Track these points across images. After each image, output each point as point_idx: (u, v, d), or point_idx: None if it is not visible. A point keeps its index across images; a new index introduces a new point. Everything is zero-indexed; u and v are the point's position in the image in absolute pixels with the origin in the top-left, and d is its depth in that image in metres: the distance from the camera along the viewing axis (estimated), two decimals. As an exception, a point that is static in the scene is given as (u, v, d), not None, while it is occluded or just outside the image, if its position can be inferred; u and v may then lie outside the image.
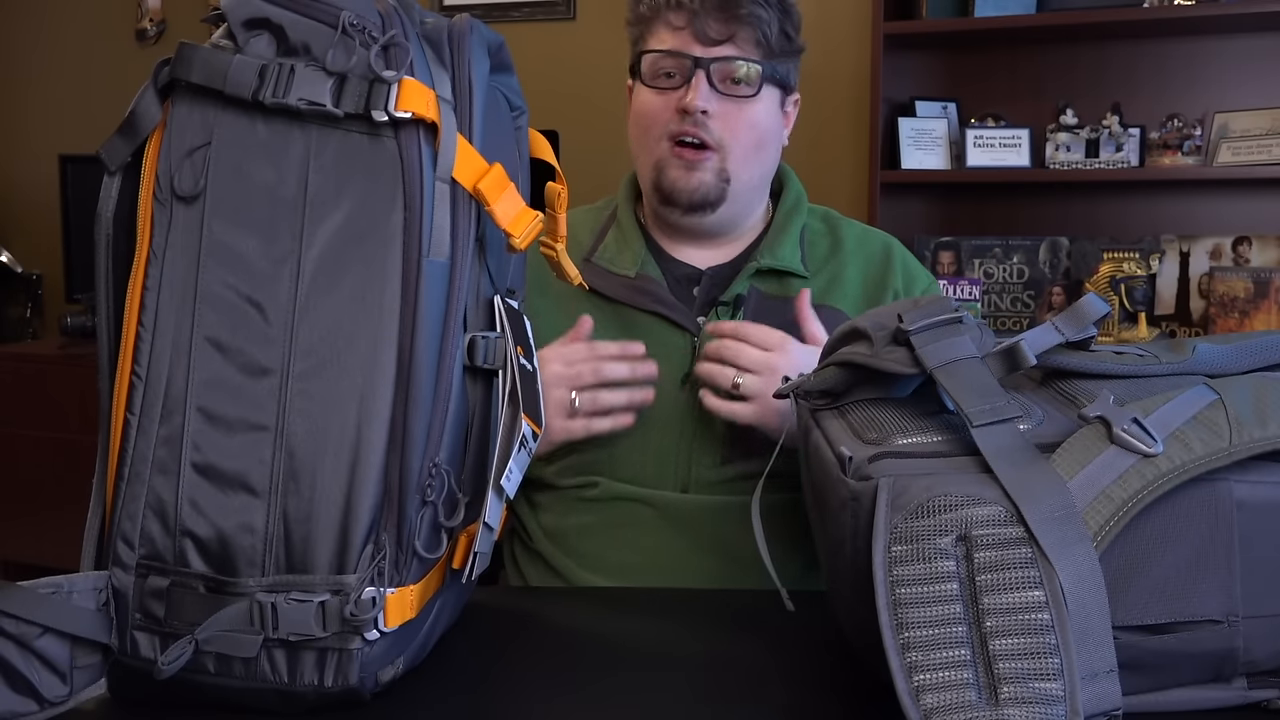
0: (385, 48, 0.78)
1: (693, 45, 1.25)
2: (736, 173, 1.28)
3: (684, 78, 1.26)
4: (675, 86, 1.26)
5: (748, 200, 1.32)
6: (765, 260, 1.30)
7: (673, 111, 1.26)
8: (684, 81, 1.25)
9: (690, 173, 1.26)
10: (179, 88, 0.80)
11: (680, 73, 1.26)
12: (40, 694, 0.77)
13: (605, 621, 1.04)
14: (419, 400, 0.77)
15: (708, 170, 1.27)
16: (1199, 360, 0.80)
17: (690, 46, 1.25)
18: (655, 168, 1.28)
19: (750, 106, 1.26)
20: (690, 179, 1.27)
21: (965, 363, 0.77)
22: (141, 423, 0.77)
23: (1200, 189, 2.83)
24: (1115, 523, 0.70)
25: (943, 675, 0.66)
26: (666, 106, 1.26)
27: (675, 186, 1.27)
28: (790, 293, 1.29)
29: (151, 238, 0.79)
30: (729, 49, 1.25)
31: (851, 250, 1.35)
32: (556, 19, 3.35)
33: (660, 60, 1.27)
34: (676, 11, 1.25)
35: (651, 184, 1.30)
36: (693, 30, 1.24)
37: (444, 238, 0.79)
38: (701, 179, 1.27)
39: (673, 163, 1.27)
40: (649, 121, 1.28)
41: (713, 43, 1.24)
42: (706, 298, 1.30)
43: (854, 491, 0.74)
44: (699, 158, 1.26)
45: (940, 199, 3.03)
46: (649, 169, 1.29)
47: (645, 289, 1.29)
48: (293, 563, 0.76)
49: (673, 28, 1.26)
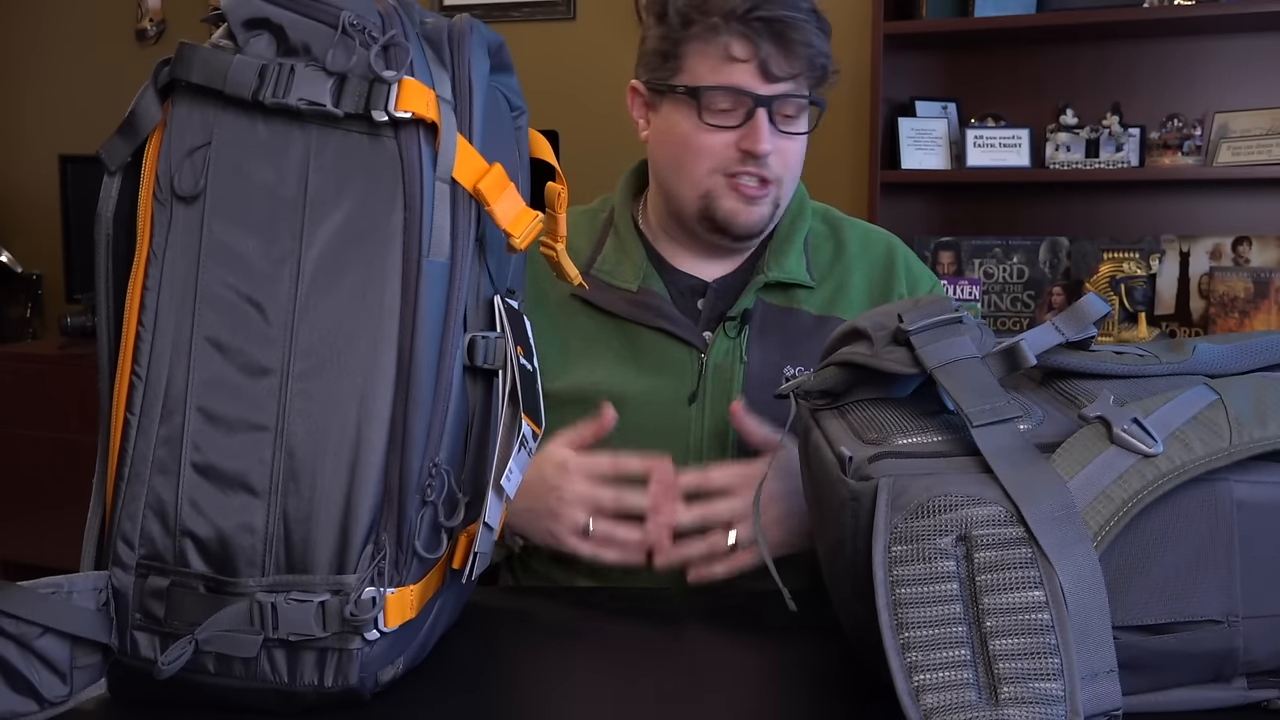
0: (385, 48, 0.78)
1: (754, 82, 1.18)
2: (784, 199, 1.26)
3: (742, 114, 1.19)
4: (733, 125, 1.20)
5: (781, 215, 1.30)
6: (773, 274, 1.26)
7: (730, 149, 1.20)
8: (743, 119, 1.19)
9: (750, 207, 1.23)
10: (179, 88, 0.80)
11: (739, 106, 1.19)
12: (40, 694, 0.77)
13: (606, 621, 1.04)
14: (419, 400, 0.77)
15: (766, 204, 1.23)
16: (1199, 360, 0.80)
17: (752, 83, 1.18)
18: (704, 198, 1.23)
19: (801, 138, 1.24)
20: (751, 213, 1.23)
21: (965, 363, 0.77)
22: (141, 423, 0.77)
23: (1200, 189, 2.83)
24: (1115, 523, 0.70)
25: (943, 675, 0.66)
26: (723, 144, 1.20)
27: (734, 220, 1.23)
28: (795, 303, 1.26)
29: (151, 238, 0.79)
30: (790, 86, 1.19)
31: (855, 255, 1.32)
32: (556, 19, 3.35)
33: (718, 96, 1.19)
34: (739, 41, 1.17)
35: (698, 212, 1.24)
36: (757, 65, 1.18)
37: (444, 238, 0.79)
38: (761, 213, 1.24)
39: (730, 195, 1.22)
40: (697, 155, 1.22)
41: (776, 80, 1.19)
42: (712, 312, 1.27)
43: (854, 491, 0.74)
44: (762, 193, 1.22)
45: (940, 199, 3.03)
46: (694, 198, 1.24)
47: (648, 304, 1.25)
48: (293, 563, 0.76)
49: (732, 59, 1.18)
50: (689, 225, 1.27)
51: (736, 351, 1.23)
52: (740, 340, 1.24)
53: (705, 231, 1.26)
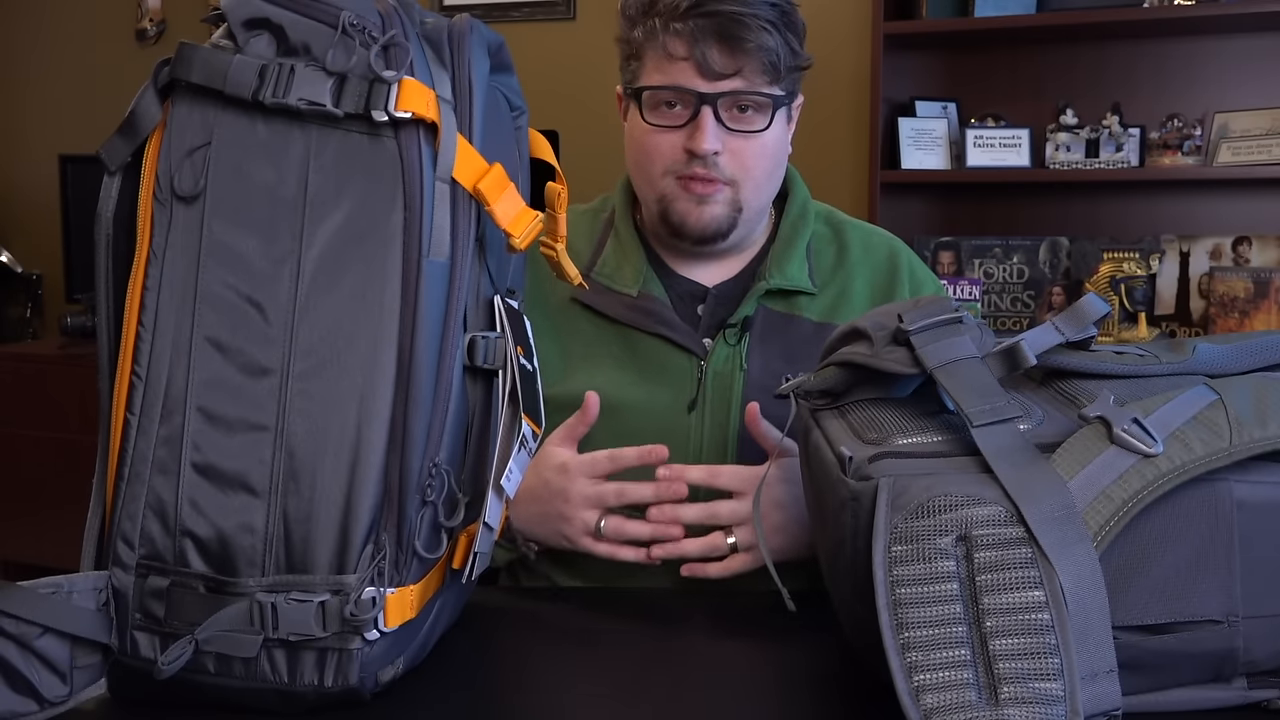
0: (385, 48, 0.78)
1: (695, 79, 1.16)
2: (749, 201, 1.22)
3: (688, 113, 1.17)
4: (679, 124, 1.18)
5: (758, 219, 1.27)
6: (775, 280, 1.24)
7: (678, 150, 1.18)
8: (689, 117, 1.17)
9: (701, 207, 1.20)
10: (179, 88, 0.80)
11: (684, 105, 1.17)
12: (40, 694, 0.77)
13: (606, 621, 1.04)
14: (419, 400, 0.77)
15: (719, 203, 1.20)
16: (1199, 360, 0.80)
17: (693, 81, 1.16)
18: (660, 201, 1.22)
19: (761, 138, 1.19)
20: (702, 214, 1.20)
21: (965, 363, 0.77)
22: (141, 423, 0.77)
23: (1200, 189, 2.83)
24: (1115, 523, 0.70)
25: (943, 675, 0.66)
26: (671, 145, 1.19)
27: (685, 221, 1.21)
28: (796, 310, 1.25)
29: (151, 238, 0.79)
30: (736, 82, 1.16)
31: (857, 260, 1.30)
32: (556, 19, 3.35)
33: (660, 95, 1.18)
34: (675, 39, 1.16)
35: (657, 215, 1.23)
36: (694, 62, 1.15)
37: (444, 238, 0.79)
38: (713, 213, 1.20)
39: (681, 196, 1.20)
40: (650, 158, 1.21)
41: (718, 76, 1.16)
42: (713, 318, 1.26)
43: (854, 491, 0.74)
44: (709, 191, 1.19)
45: (940, 199, 3.03)
46: (653, 201, 1.23)
47: (648, 309, 1.24)
48: (293, 563, 0.76)
49: (671, 57, 1.16)
50: (658, 231, 1.27)
51: (736, 359, 1.22)
52: (740, 348, 1.22)
53: (667, 235, 1.25)
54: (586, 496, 1.10)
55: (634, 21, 1.20)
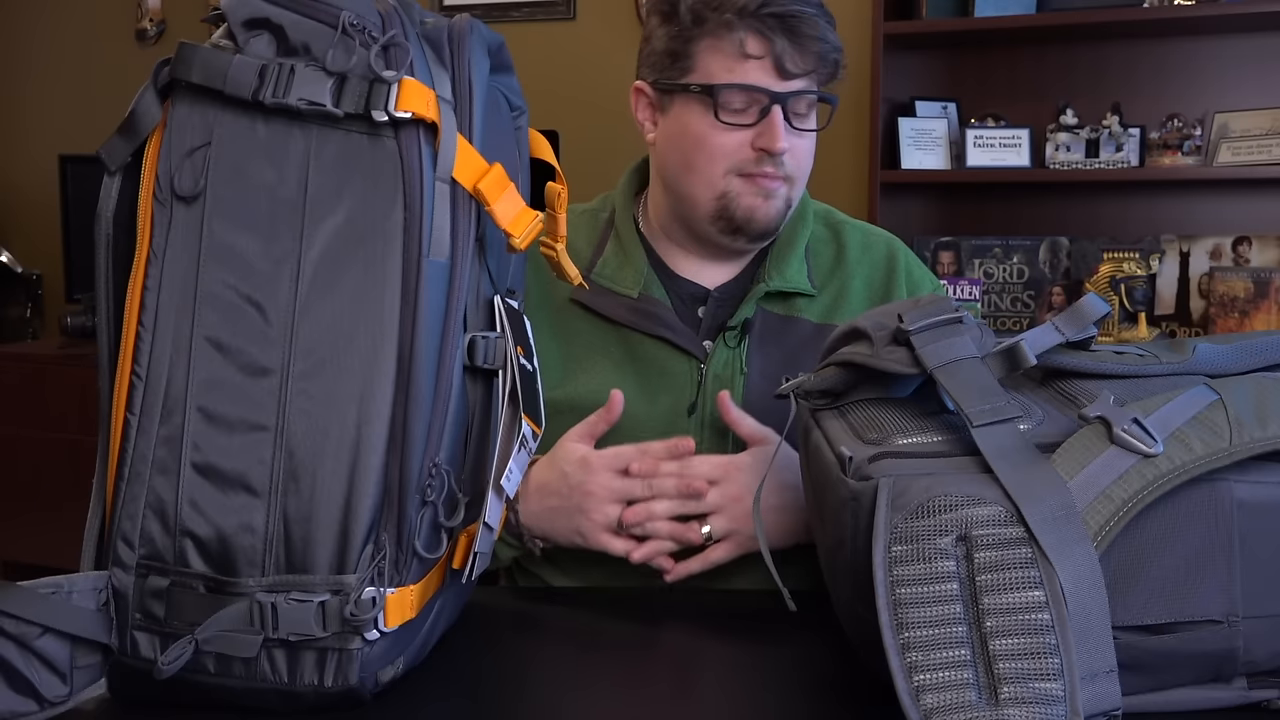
0: (385, 48, 0.78)
1: (771, 79, 1.17)
2: (796, 197, 1.25)
3: (757, 112, 1.18)
4: (748, 123, 1.18)
5: None
6: (775, 283, 1.24)
7: (745, 148, 1.18)
8: (758, 117, 1.18)
9: (769, 202, 1.21)
10: (179, 88, 0.80)
11: (754, 104, 1.18)
12: (40, 694, 0.77)
13: (606, 621, 1.04)
14: (419, 400, 0.77)
15: (780, 198, 1.22)
16: (1199, 360, 0.80)
17: (768, 79, 1.17)
18: (721, 198, 1.21)
19: (812, 137, 1.23)
20: (769, 209, 1.21)
21: (965, 363, 0.77)
22: (141, 423, 0.77)
23: (1200, 189, 2.83)
24: (1115, 523, 0.70)
25: (943, 675, 0.66)
26: (738, 143, 1.19)
27: (753, 216, 1.21)
28: (796, 312, 1.25)
29: (151, 238, 0.79)
30: (805, 82, 1.19)
31: (855, 260, 1.30)
32: (556, 19, 3.35)
33: (734, 94, 1.18)
34: (754, 37, 1.16)
35: (713, 213, 1.22)
36: (772, 62, 1.16)
37: (444, 238, 0.79)
38: (777, 207, 1.22)
39: (747, 191, 1.20)
40: (712, 156, 1.20)
41: (791, 76, 1.17)
42: (713, 321, 1.25)
43: (854, 491, 0.74)
44: (776, 186, 1.21)
45: (940, 199, 3.03)
46: (709, 199, 1.22)
47: (649, 311, 1.24)
48: (293, 563, 0.76)
49: (746, 56, 1.17)
50: (699, 228, 1.25)
51: (736, 362, 1.22)
52: (740, 350, 1.22)
53: (719, 233, 1.24)
54: (611, 489, 1.09)
55: (700, 17, 1.18)
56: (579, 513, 1.10)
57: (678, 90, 1.21)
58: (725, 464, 1.11)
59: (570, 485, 1.10)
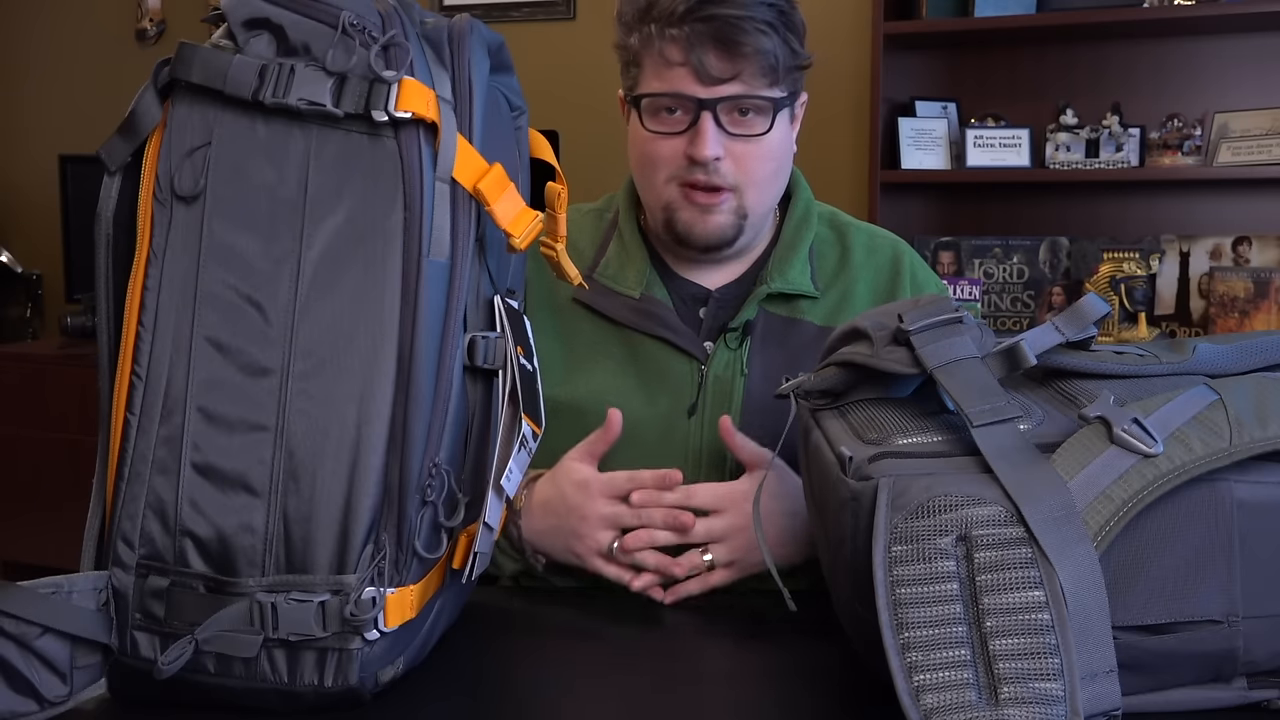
0: (385, 48, 0.78)
1: (693, 85, 1.14)
2: (753, 207, 1.21)
3: (688, 118, 1.16)
4: (679, 130, 1.16)
5: (763, 223, 1.27)
6: (776, 284, 1.23)
7: (680, 156, 1.17)
8: (689, 123, 1.16)
9: (706, 216, 1.19)
10: (179, 88, 0.80)
11: (683, 111, 1.16)
12: (40, 694, 0.77)
13: (606, 622, 1.04)
14: (419, 400, 0.77)
15: (724, 212, 1.19)
16: (1199, 360, 0.80)
17: (691, 86, 1.14)
18: (665, 209, 1.21)
19: (763, 141, 1.18)
20: (707, 223, 1.19)
21: (965, 363, 0.77)
22: (141, 423, 0.77)
23: (1200, 189, 2.83)
24: (1115, 523, 0.70)
25: (943, 675, 0.66)
26: (672, 151, 1.17)
27: (692, 231, 1.20)
28: (799, 314, 1.24)
29: (151, 238, 0.79)
30: (735, 87, 1.15)
31: (860, 262, 1.29)
32: (556, 19, 3.35)
33: (659, 101, 1.17)
34: (671, 44, 1.14)
35: (662, 223, 1.22)
36: (691, 67, 1.14)
37: (444, 238, 0.79)
38: (718, 222, 1.19)
39: (685, 205, 1.19)
40: (653, 165, 1.19)
41: (716, 81, 1.14)
42: (714, 322, 1.25)
43: (854, 491, 0.74)
44: (714, 200, 1.18)
45: (940, 199, 3.03)
46: (658, 209, 1.22)
47: (651, 312, 1.23)
48: (293, 563, 0.76)
49: (669, 63, 1.15)
50: (666, 242, 1.25)
51: (737, 364, 1.21)
52: (741, 352, 1.22)
53: (672, 243, 1.24)
54: (604, 516, 1.08)
55: (630, 28, 1.19)
56: (574, 536, 1.09)
57: (630, 101, 1.22)
58: (728, 493, 1.09)
59: (568, 507, 1.10)
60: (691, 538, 1.08)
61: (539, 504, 1.11)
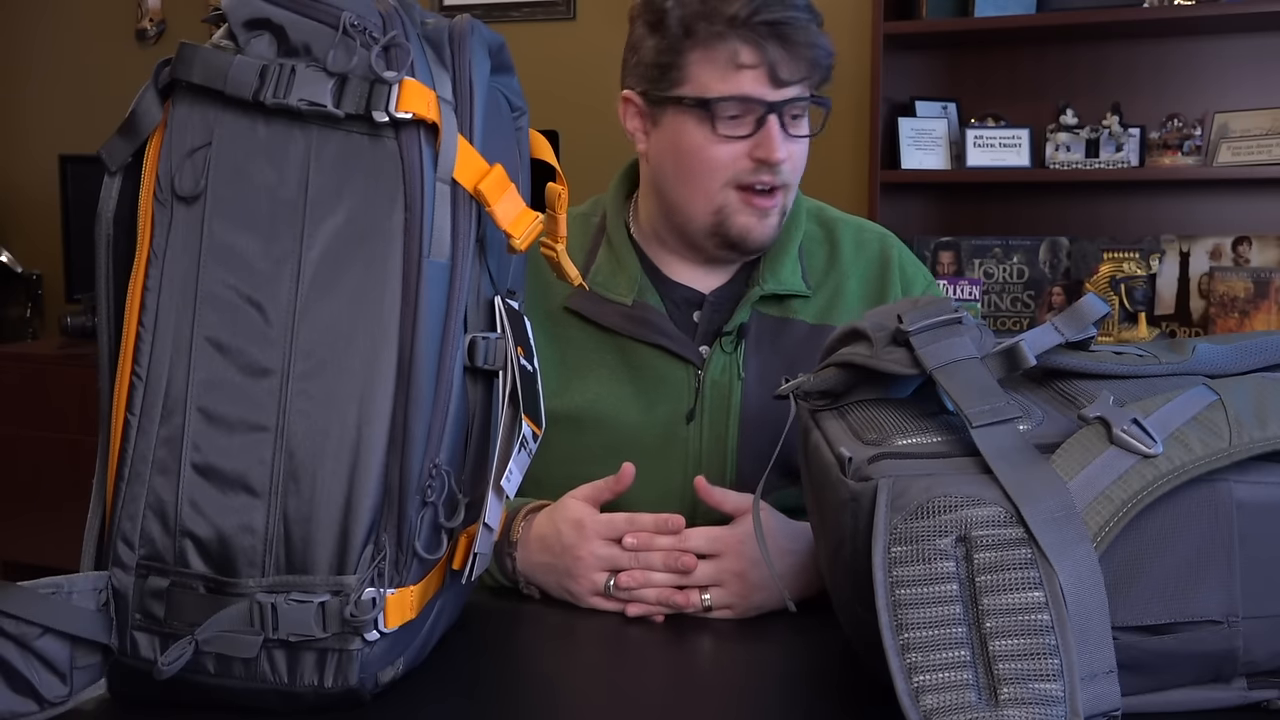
0: (386, 48, 0.78)
1: (764, 88, 1.16)
2: (788, 205, 1.24)
3: (753, 122, 1.17)
4: (745, 134, 1.17)
5: None
6: (769, 285, 1.23)
7: (742, 159, 1.18)
8: (754, 127, 1.17)
9: (764, 220, 1.20)
10: (179, 88, 0.80)
11: (747, 113, 1.17)
12: (40, 694, 0.77)
13: (605, 622, 1.03)
14: (419, 401, 0.77)
15: (775, 214, 1.21)
16: (1199, 360, 0.80)
17: (762, 89, 1.16)
18: (718, 213, 1.20)
19: (807, 142, 1.22)
20: (765, 226, 1.21)
21: (965, 363, 0.77)
22: (141, 423, 0.77)
23: (1200, 189, 2.83)
24: (1115, 523, 0.70)
25: (943, 676, 0.66)
26: (735, 154, 1.18)
27: (748, 237, 1.21)
28: (791, 313, 1.24)
29: (152, 238, 0.79)
30: (798, 89, 1.17)
31: (850, 258, 1.29)
32: (556, 19, 3.35)
33: (728, 104, 1.16)
34: (746, 47, 1.15)
35: (709, 227, 1.21)
36: (766, 71, 1.15)
37: (444, 238, 0.79)
38: (772, 224, 1.21)
39: (744, 210, 1.20)
40: (710, 169, 1.19)
41: (784, 84, 1.16)
42: (709, 325, 1.24)
43: (854, 492, 0.74)
44: (771, 204, 1.20)
45: (940, 199, 3.03)
46: (707, 213, 1.21)
47: (645, 319, 1.22)
48: (293, 563, 0.76)
49: (740, 66, 1.15)
50: (696, 240, 1.24)
51: (734, 367, 1.21)
52: (737, 355, 1.21)
53: (716, 247, 1.23)
54: (600, 558, 1.06)
55: (689, 29, 1.17)
56: (568, 575, 1.07)
57: (670, 102, 1.19)
58: (723, 537, 1.06)
59: (563, 545, 1.07)
60: (690, 581, 1.05)
61: (536, 539, 1.09)
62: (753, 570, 1.03)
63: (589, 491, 1.11)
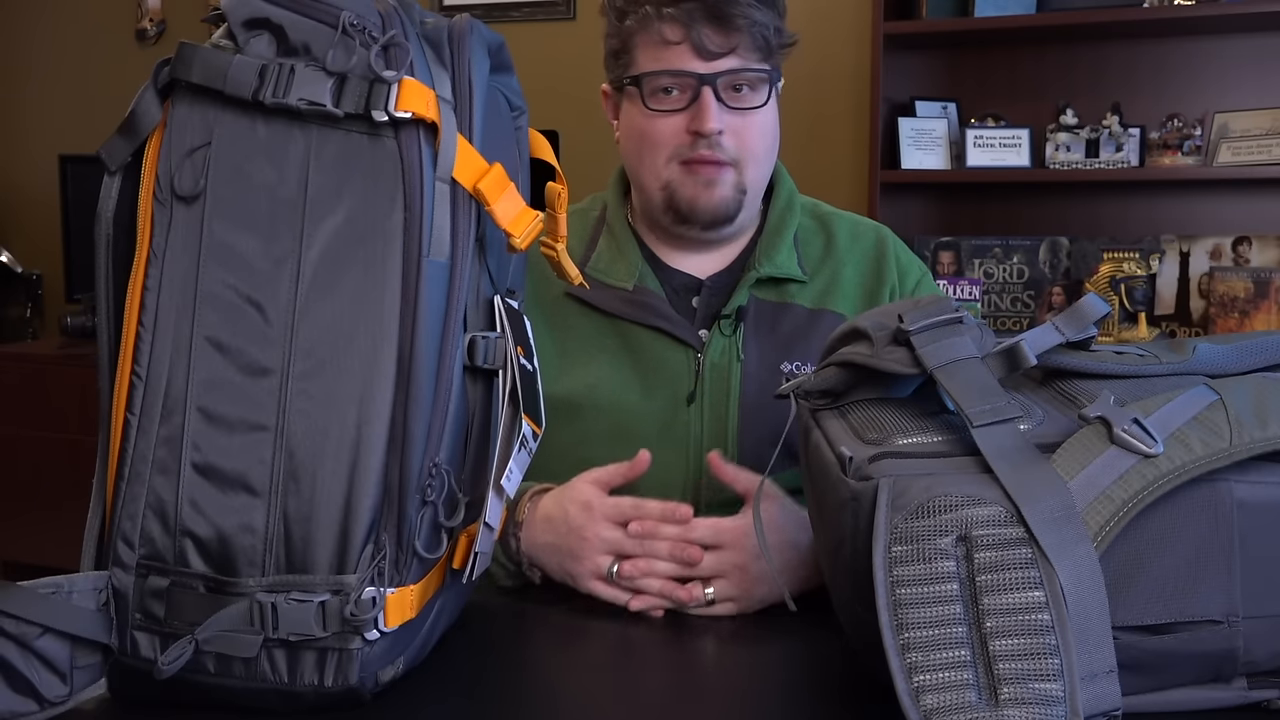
0: (385, 48, 0.78)
1: (693, 61, 1.18)
2: (751, 182, 1.24)
3: (688, 95, 1.19)
4: (680, 107, 1.20)
5: (757, 201, 1.29)
6: (765, 269, 1.25)
7: (682, 134, 1.20)
8: (689, 100, 1.19)
9: (709, 190, 1.21)
10: (179, 88, 0.80)
11: (682, 89, 1.20)
12: (40, 694, 0.77)
13: (605, 621, 1.03)
14: (419, 400, 0.77)
15: (726, 185, 1.22)
16: (1199, 360, 0.80)
17: (691, 63, 1.18)
18: (665, 188, 1.23)
19: (759, 115, 1.22)
20: (711, 196, 1.22)
21: (966, 363, 0.77)
22: (141, 423, 0.77)
23: (1200, 189, 2.83)
24: (1115, 523, 0.70)
25: (943, 676, 0.66)
26: (674, 129, 1.20)
27: (695, 206, 1.22)
28: (788, 298, 1.26)
29: (151, 238, 0.79)
30: (732, 60, 1.19)
31: (845, 248, 1.31)
32: (556, 19, 3.35)
33: (659, 79, 1.20)
34: (670, 24, 1.18)
35: (662, 203, 1.24)
36: (691, 44, 1.18)
37: (444, 238, 0.79)
38: (722, 195, 1.22)
39: (688, 181, 1.22)
40: (653, 145, 1.22)
41: (714, 56, 1.18)
42: (708, 310, 1.27)
43: (854, 491, 0.74)
44: (716, 173, 1.21)
45: (940, 199, 3.03)
46: (657, 190, 1.24)
47: (645, 303, 1.24)
48: (293, 563, 0.76)
49: (666, 42, 1.19)
50: (658, 219, 1.27)
51: (733, 350, 1.23)
52: (736, 338, 1.23)
53: (673, 224, 1.26)
54: (605, 540, 1.06)
55: (623, 13, 1.22)
56: (571, 557, 1.07)
57: (624, 86, 1.24)
58: (727, 529, 1.06)
59: (569, 526, 1.07)
60: (694, 572, 1.05)
61: (542, 519, 1.10)
62: (755, 563, 1.03)
63: (600, 475, 1.11)
